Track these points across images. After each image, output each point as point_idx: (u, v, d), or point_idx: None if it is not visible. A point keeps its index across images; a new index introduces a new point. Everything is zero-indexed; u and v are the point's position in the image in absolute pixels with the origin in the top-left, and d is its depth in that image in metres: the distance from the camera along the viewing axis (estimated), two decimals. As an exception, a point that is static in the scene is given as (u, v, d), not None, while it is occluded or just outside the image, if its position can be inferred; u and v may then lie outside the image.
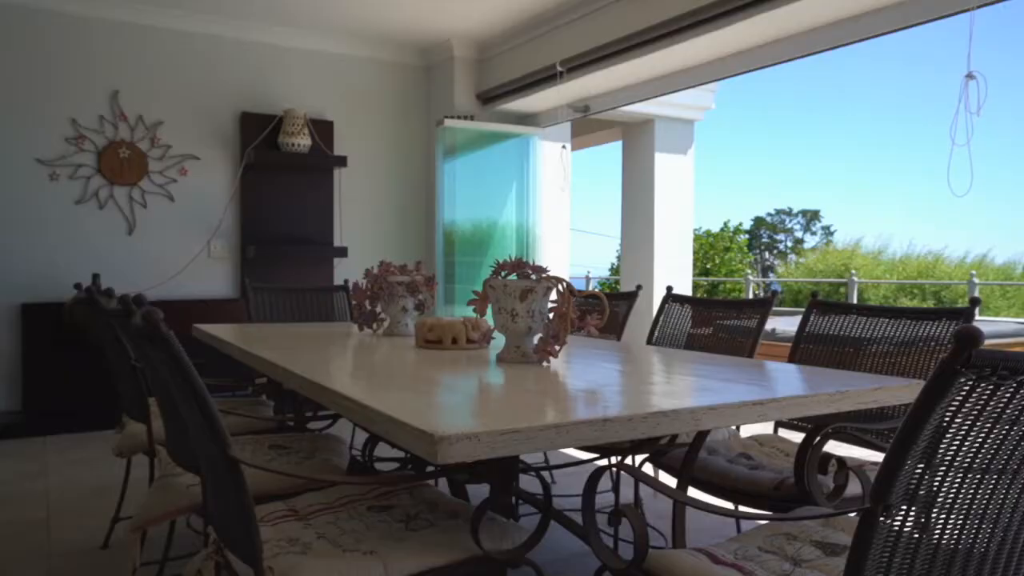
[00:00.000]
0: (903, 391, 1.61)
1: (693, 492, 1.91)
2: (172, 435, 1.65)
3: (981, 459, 0.91)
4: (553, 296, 1.96)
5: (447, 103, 5.55)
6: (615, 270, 17.49)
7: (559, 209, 5.86)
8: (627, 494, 3.00)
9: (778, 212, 43.87)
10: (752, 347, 2.38)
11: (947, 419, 0.86)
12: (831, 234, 42.61)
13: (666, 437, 1.83)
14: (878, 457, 1.99)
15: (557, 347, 1.90)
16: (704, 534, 2.60)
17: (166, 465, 1.83)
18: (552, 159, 5.63)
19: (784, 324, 7.24)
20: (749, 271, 15.05)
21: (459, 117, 5.38)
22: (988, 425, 0.88)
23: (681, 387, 1.63)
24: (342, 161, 5.22)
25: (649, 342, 2.81)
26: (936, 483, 0.91)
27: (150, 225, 4.81)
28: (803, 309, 2.29)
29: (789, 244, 42.53)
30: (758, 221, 43.51)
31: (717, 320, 2.61)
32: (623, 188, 7.28)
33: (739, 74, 4.34)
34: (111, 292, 2.56)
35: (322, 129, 5.26)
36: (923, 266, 14.53)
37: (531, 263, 1.94)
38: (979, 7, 2.69)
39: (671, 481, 1.98)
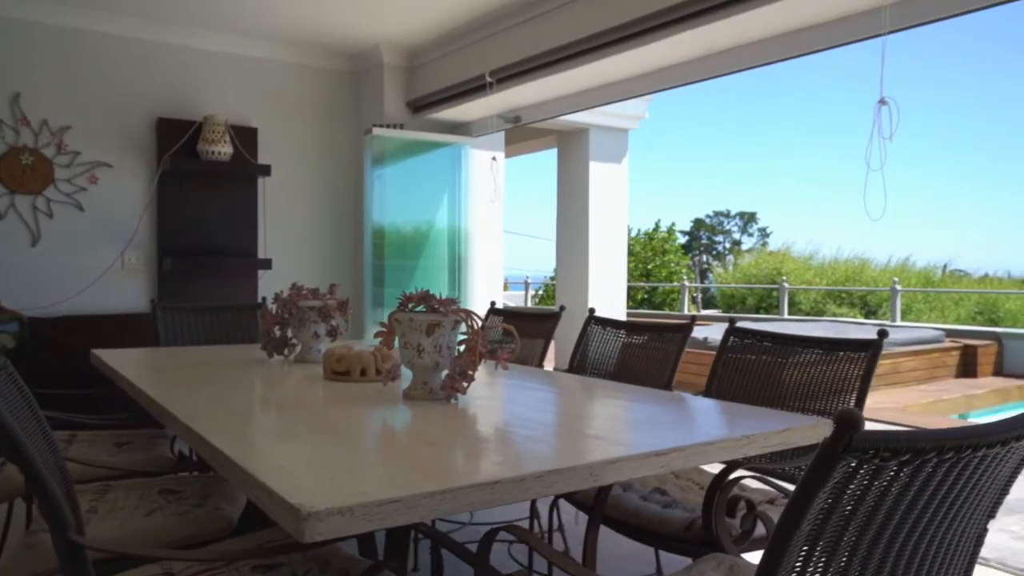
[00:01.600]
0: (810, 431, 1.60)
1: (604, 532, 1.86)
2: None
3: (867, 539, 0.88)
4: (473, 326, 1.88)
5: (377, 110, 5.42)
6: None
7: (492, 215, 5.79)
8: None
9: (716, 214, 44.88)
10: (671, 374, 2.35)
11: (830, 502, 0.82)
12: (767, 236, 43.76)
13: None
14: (791, 487, 1.98)
15: (465, 384, 1.82)
16: (627, 563, 2.57)
17: (38, 517, 1.68)
18: (483, 170, 5.56)
19: (716, 333, 7.35)
20: (686, 277, 15.27)
21: (388, 126, 5.26)
22: (872, 505, 0.85)
23: (588, 431, 1.58)
24: (266, 170, 5.04)
25: (571, 365, 2.76)
26: (822, 565, 0.87)
27: (57, 236, 4.54)
28: (740, 315, 2.27)
29: (727, 245, 43.54)
30: (697, 223, 44.40)
31: (638, 344, 2.58)
32: (558, 196, 7.26)
33: (670, 88, 4.35)
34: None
35: (245, 136, 5.06)
36: (850, 270, 14.98)
37: (438, 296, 1.86)
38: (891, 32, 2.73)
39: (583, 520, 1.93)
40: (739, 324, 2.36)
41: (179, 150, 4.78)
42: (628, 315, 8.04)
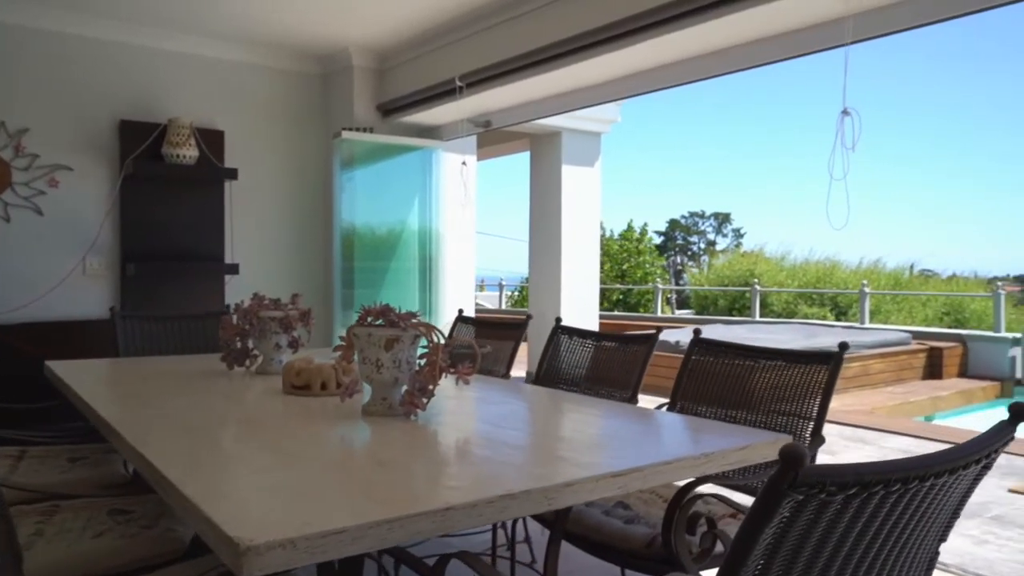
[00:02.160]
0: (770, 447, 1.59)
1: (566, 548, 1.84)
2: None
3: (817, 569, 0.87)
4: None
5: (346, 113, 5.36)
6: (531, 275, 17.50)
7: (464, 218, 5.75)
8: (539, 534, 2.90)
9: (692, 215, 45.23)
10: (636, 386, 2.34)
11: (778, 536, 0.81)
12: (741, 236, 44.20)
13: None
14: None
15: (425, 400, 1.79)
16: (590, 573, 2.55)
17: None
18: (454, 174, 5.52)
19: (688, 336, 7.37)
20: (659, 280, 15.35)
21: (358, 129, 5.20)
22: (820, 537, 0.84)
23: (547, 450, 1.56)
24: (232, 173, 4.95)
25: (537, 375, 2.74)
26: (770, 599, 0.85)
27: (14, 241, 4.42)
28: (712, 317, 2.25)
29: (702, 246, 43.89)
30: (673, 223, 44.72)
31: (604, 354, 2.56)
32: (531, 199, 7.25)
33: (640, 94, 4.35)
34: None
35: (211, 139, 4.97)
36: (821, 272, 15.14)
37: (398, 310, 1.83)
38: (854, 43, 2.74)
39: (546, 533, 1.90)
40: (709, 329, 2.36)
41: (143, 153, 4.68)
42: (602, 317, 8.06)
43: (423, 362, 1.83)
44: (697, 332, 2.31)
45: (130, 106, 4.77)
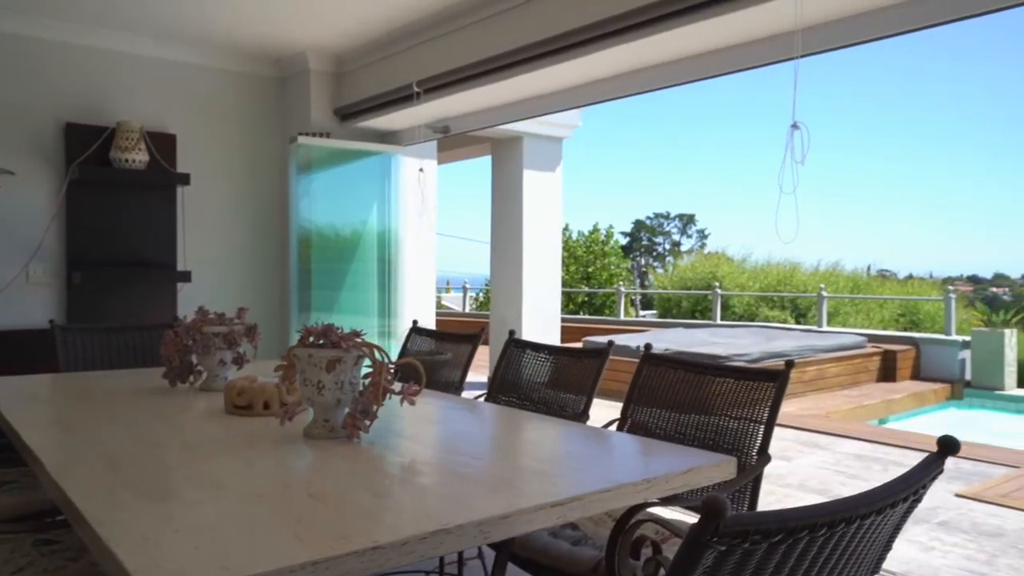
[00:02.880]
0: (715, 470, 1.58)
1: (515, 571, 1.81)
2: None
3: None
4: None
5: (303, 117, 5.28)
6: (496, 277, 17.48)
7: (423, 223, 5.69)
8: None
9: (657, 216, 45.62)
10: (587, 403, 2.32)
11: (701, 587, 0.79)
12: (706, 237, 44.71)
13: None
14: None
15: (368, 422, 1.75)
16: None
17: None
18: (413, 180, 5.46)
19: (649, 340, 7.41)
20: (622, 283, 15.43)
21: (315, 134, 5.12)
22: (746, 585, 0.82)
23: (489, 476, 1.52)
24: (184, 178, 4.83)
25: (489, 389, 2.72)
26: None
27: (-47, 248, 4.26)
28: (674, 320, 2.24)
29: (667, 246, 44.31)
30: (638, 224, 45.07)
31: (556, 368, 2.54)
32: (492, 204, 7.23)
33: (599, 102, 4.35)
34: None
35: (163, 143, 4.85)
36: (782, 274, 15.36)
37: (340, 330, 1.79)
38: (803, 56, 2.77)
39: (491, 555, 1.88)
40: (670, 333, 2.35)
41: (90, 158, 4.55)
42: (565, 320, 8.06)
43: (368, 381, 1.78)
44: (648, 348, 2.30)
45: (76, 109, 4.63)
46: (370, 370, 1.80)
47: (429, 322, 6.19)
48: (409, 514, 1.28)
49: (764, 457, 1.88)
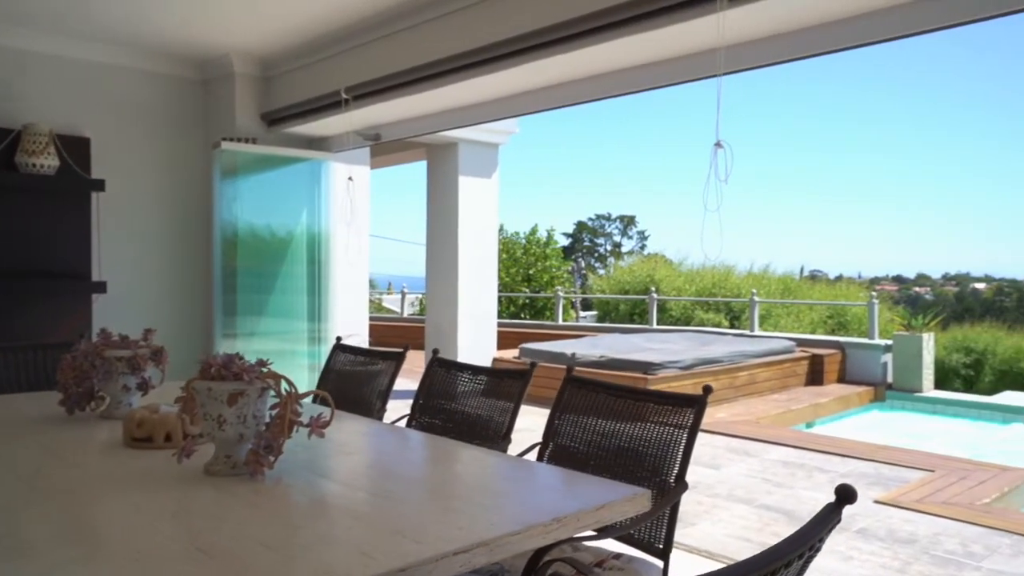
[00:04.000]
0: (628, 505, 1.56)
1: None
2: None
3: None
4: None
5: (228, 122, 5.09)
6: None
7: (353, 230, 5.57)
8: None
9: (599, 217, 46.10)
10: (508, 426, 2.28)
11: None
12: (646, 239, 45.39)
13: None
14: (626, 549, 1.95)
15: (272, 458, 1.67)
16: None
17: None
18: (344, 185, 5.34)
19: (584, 348, 7.44)
20: (561, 287, 15.51)
21: (240, 139, 4.95)
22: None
23: (394, 519, 1.46)
24: (99, 184, 4.60)
25: (413, 410, 2.65)
26: None
27: None
28: (612, 325, 2.21)
29: (608, 248, 44.81)
30: (580, 225, 45.44)
31: (480, 389, 2.50)
32: (428, 209, 7.15)
33: (531, 112, 4.32)
34: None
35: (75, 147, 4.61)
36: (717, 277, 15.70)
37: (243, 361, 1.69)
38: (727, 74, 2.79)
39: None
40: (607, 338, 2.32)
41: (-7, 162, 4.29)
42: (502, 325, 8.02)
43: (272, 416, 1.70)
44: (570, 369, 2.27)
45: (-22, 110, 4.36)
46: (277, 400, 1.72)
47: (362, 325, 6.07)
48: (300, 572, 1.20)
49: (680, 485, 1.87)
